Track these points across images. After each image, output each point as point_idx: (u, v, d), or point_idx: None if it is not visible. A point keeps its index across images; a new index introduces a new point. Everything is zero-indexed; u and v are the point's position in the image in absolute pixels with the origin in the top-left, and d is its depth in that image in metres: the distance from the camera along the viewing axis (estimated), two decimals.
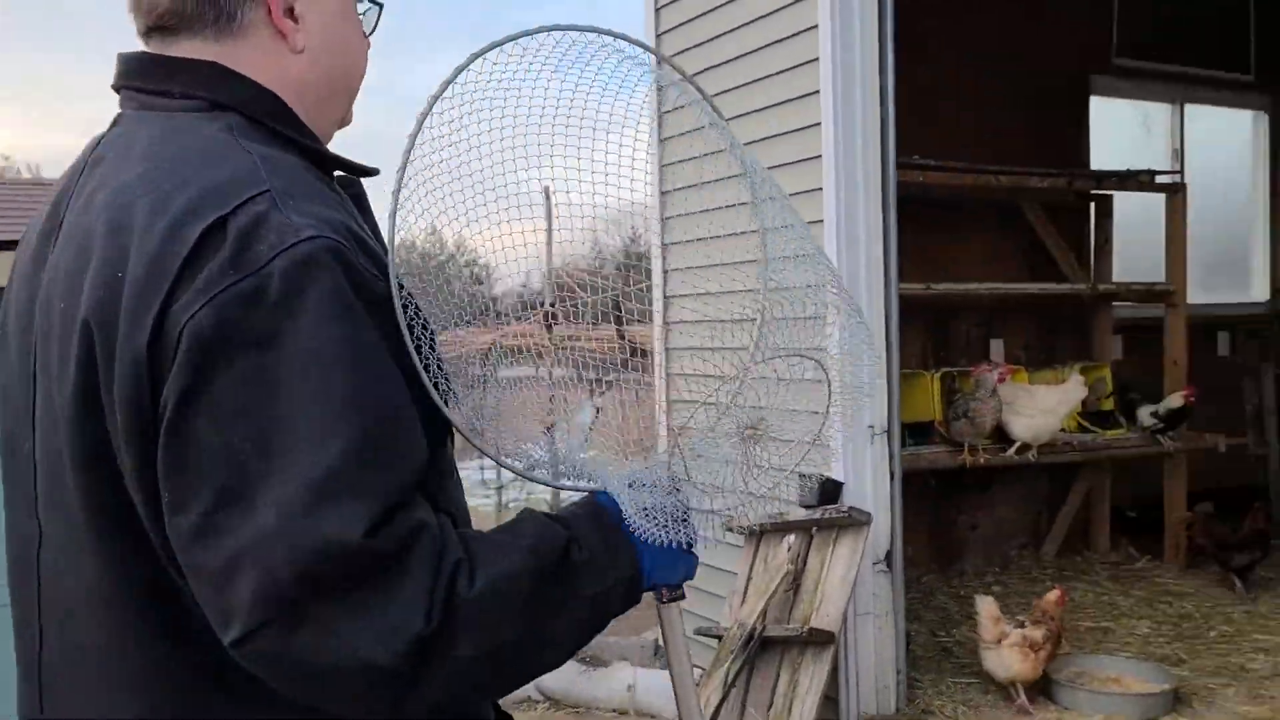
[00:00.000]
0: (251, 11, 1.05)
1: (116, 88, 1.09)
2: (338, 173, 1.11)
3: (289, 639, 0.85)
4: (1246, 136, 6.66)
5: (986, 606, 3.68)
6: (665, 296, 4.56)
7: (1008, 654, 3.62)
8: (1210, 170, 6.29)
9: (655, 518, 1.06)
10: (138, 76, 1.07)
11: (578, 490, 1.14)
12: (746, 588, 3.81)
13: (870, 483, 3.71)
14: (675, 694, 1.24)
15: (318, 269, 0.89)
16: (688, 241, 4.41)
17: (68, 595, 1.00)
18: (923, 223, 4.69)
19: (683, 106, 1.16)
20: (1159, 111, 6.30)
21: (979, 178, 4.83)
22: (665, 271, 4.57)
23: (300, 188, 0.96)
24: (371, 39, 1.17)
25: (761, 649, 3.55)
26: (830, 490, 3.66)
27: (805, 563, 3.67)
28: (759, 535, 3.87)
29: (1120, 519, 5.72)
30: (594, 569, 1.00)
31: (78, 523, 0.97)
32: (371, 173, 1.13)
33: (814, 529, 3.67)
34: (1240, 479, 6.26)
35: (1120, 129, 6.11)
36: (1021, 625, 3.67)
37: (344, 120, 1.17)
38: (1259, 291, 6.64)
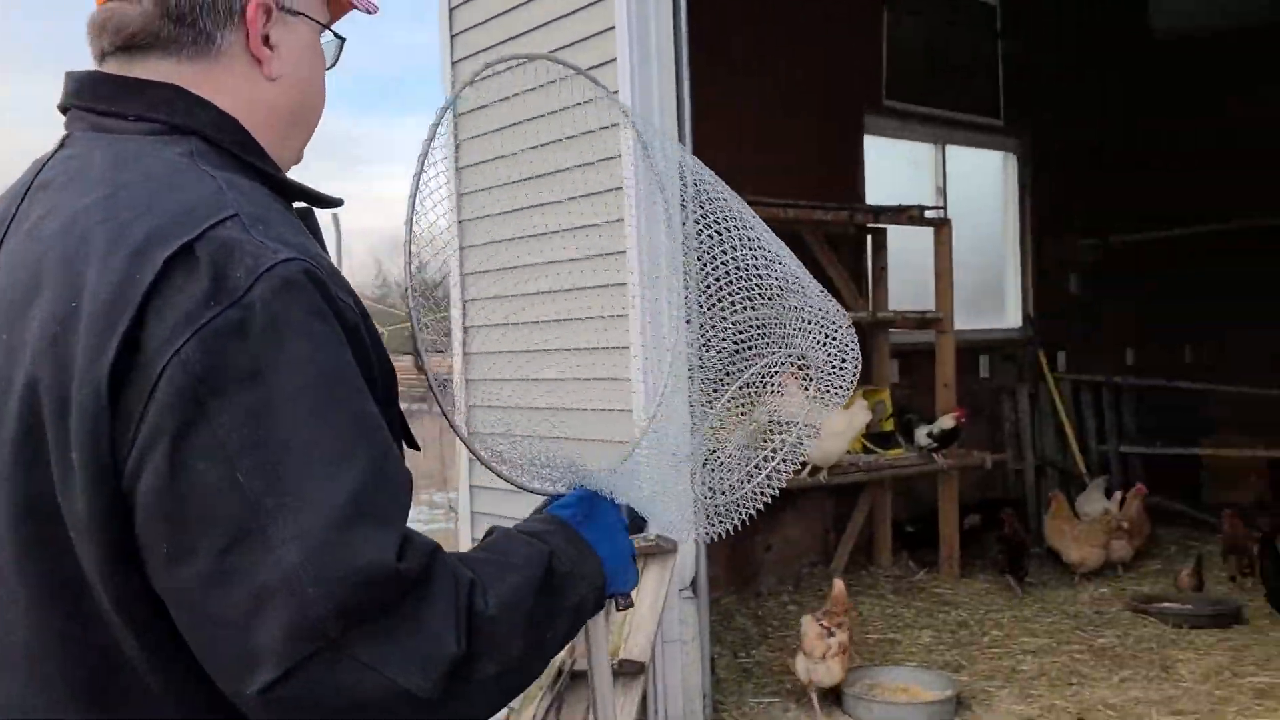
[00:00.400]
0: (231, 35, 1.03)
1: (64, 107, 1.04)
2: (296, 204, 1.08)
3: (328, 675, 0.81)
4: (999, 175, 7.25)
5: (812, 627, 3.97)
6: (465, 327, 4.46)
7: (833, 664, 3.94)
8: (969, 205, 6.80)
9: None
10: (90, 96, 1.02)
11: (544, 494, 1.19)
12: None
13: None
14: (594, 700, 1.30)
15: (298, 291, 0.86)
16: (486, 271, 4.35)
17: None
18: None
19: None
20: (924, 150, 6.77)
21: (768, 210, 5.02)
22: (465, 302, 4.48)
23: (267, 213, 0.92)
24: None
25: (571, 683, 3.50)
26: (637, 520, 3.66)
27: None
28: None
29: (900, 534, 6.04)
30: (573, 579, 1.02)
31: (6, 583, 0.91)
32: (336, 203, 1.10)
33: None
34: (1003, 492, 6.78)
35: (893, 166, 6.52)
36: (831, 634, 3.97)
37: (298, 156, 1.14)
38: (1013, 318, 7.22)
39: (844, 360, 1.21)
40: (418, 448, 1.07)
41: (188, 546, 0.82)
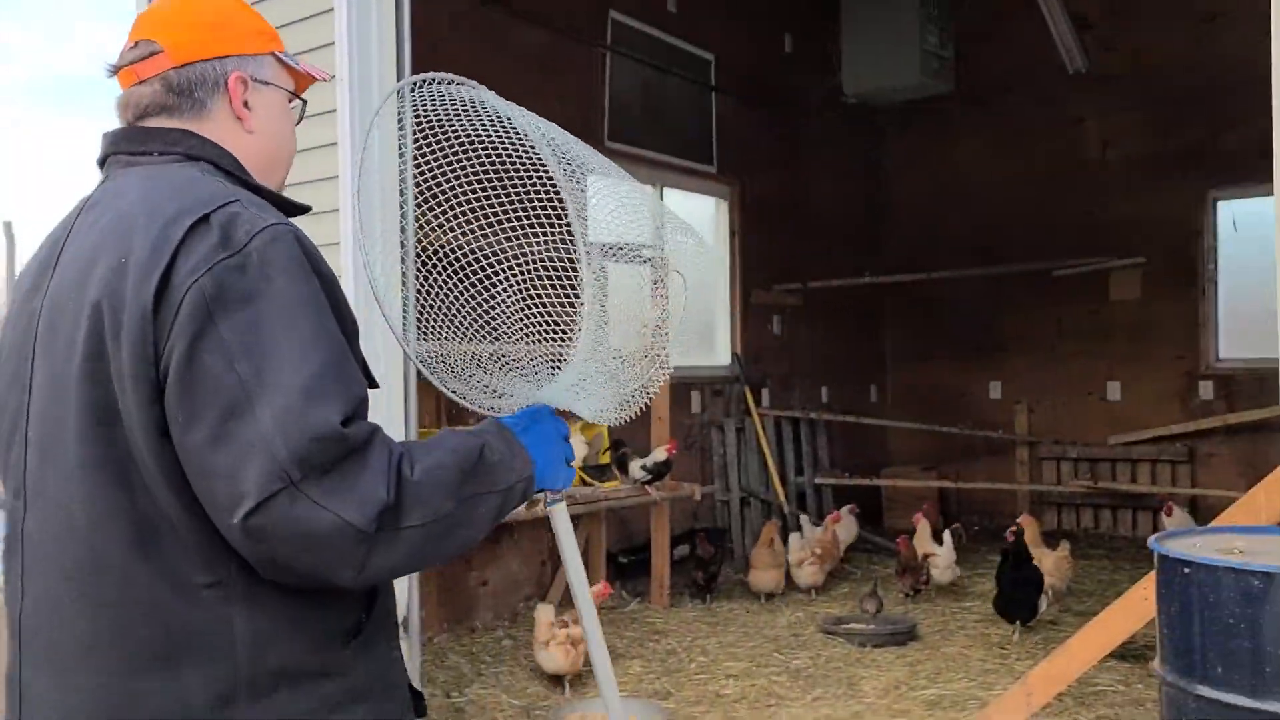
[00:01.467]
0: (218, 102, 1.40)
1: (103, 159, 1.40)
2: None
3: (289, 508, 1.10)
4: (712, 220, 7.64)
5: (544, 613, 4.46)
6: None
7: (555, 651, 4.37)
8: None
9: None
10: (124, 143, 1.38)
11: (490, 412, 1.48)
12: None
13: None
14: (568, 577, 1.64)
15: (281, 242, 1.20)
16: None
17: (48, 551, 1.25)
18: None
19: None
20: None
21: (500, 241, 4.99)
22: None
23: (261, 204, 1.27)
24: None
25: None
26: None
27: None
28: None
29: (614, 564, 6.16)
30: (502, 468, 1.31)
31: (72, 471, 1.21)
32: (305, 209, 1.42)
33: None
34: (711, 522, 7.07)
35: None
36: (565, 625, 4.39)
37: (279, 190, 1.47)
38: (723, 356, 7.60)
39: (701, 248, 1.61)
40: (376, 385, 1.33)
41: (197, 415, 1.14)
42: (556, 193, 1.52)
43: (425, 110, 1.47)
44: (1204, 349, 7.77)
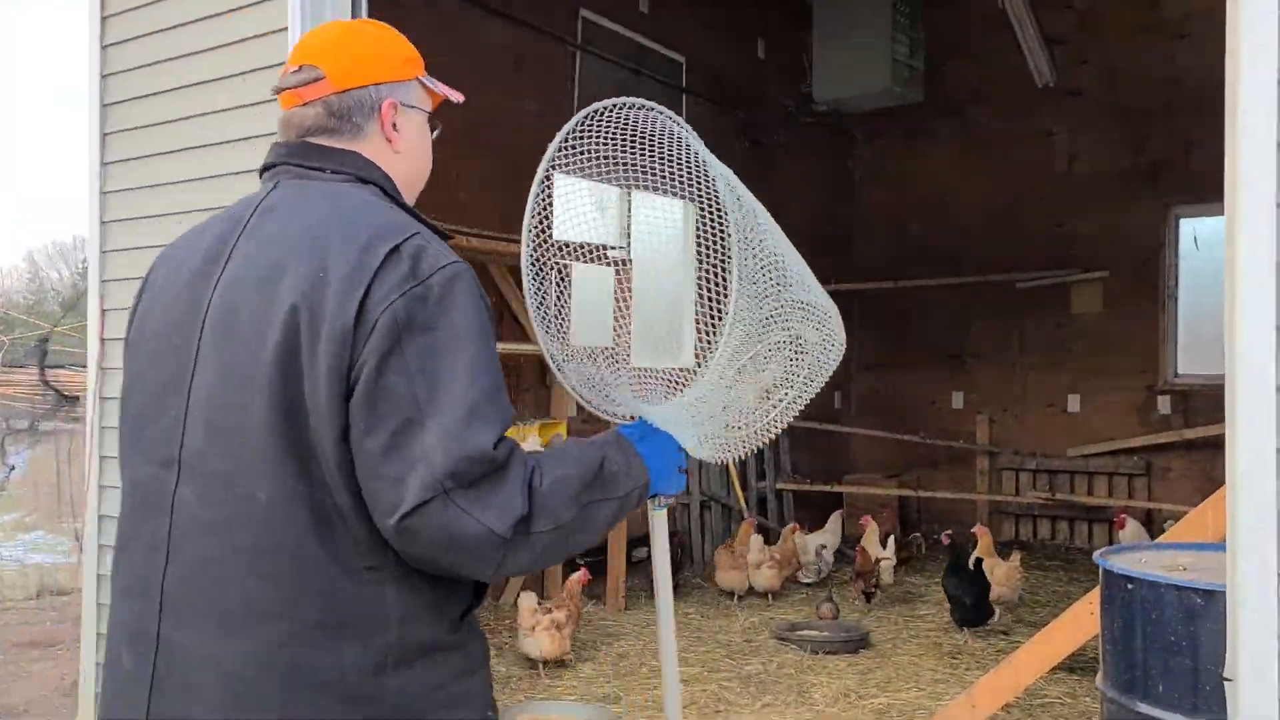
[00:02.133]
0: (372, 125, 1.54)
1: (270, 166, 1.54)
2: None
3: (440, 514, 1.27)
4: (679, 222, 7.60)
5: (527, 601, 4.64)
6: (103, 340, 4.03)
7: (541, 636, 4.56)
8: None
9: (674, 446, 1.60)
10: (299, 157, 1.52)
11: (615, 419, 1.68)
12: None
13: None
14: (655, 579, 1.80)
15: (459, 281, 1.36)
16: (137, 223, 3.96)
17: (209, 521, 1.36)
18: None
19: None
20: (615, 194, 6.97)
21: (458, 239, 4.93)
22: (103, 282, 4.04)
23: (433, 237, 1.42)
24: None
25: None
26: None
27: None
28: None
29: (568, 565, 6.11)
30: (621, 478, 1.46)
31: (259, 459, 1.33)
32: (449, 236, 1.52)
33: None
34: (671, 526, 7.04)
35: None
36: (549, 611, 4.58)
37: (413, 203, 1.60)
38: (687, 359, 7.56)
39: (831, 339, 1.70)
40: None
41: (377, 425, 1.29)
42: (716, 229, 1.69)
43: (598, 134, 1.64)
44: (1163, 364, 7.83)
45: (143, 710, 1.38)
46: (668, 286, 1.58)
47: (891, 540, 6.25)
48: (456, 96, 1.64)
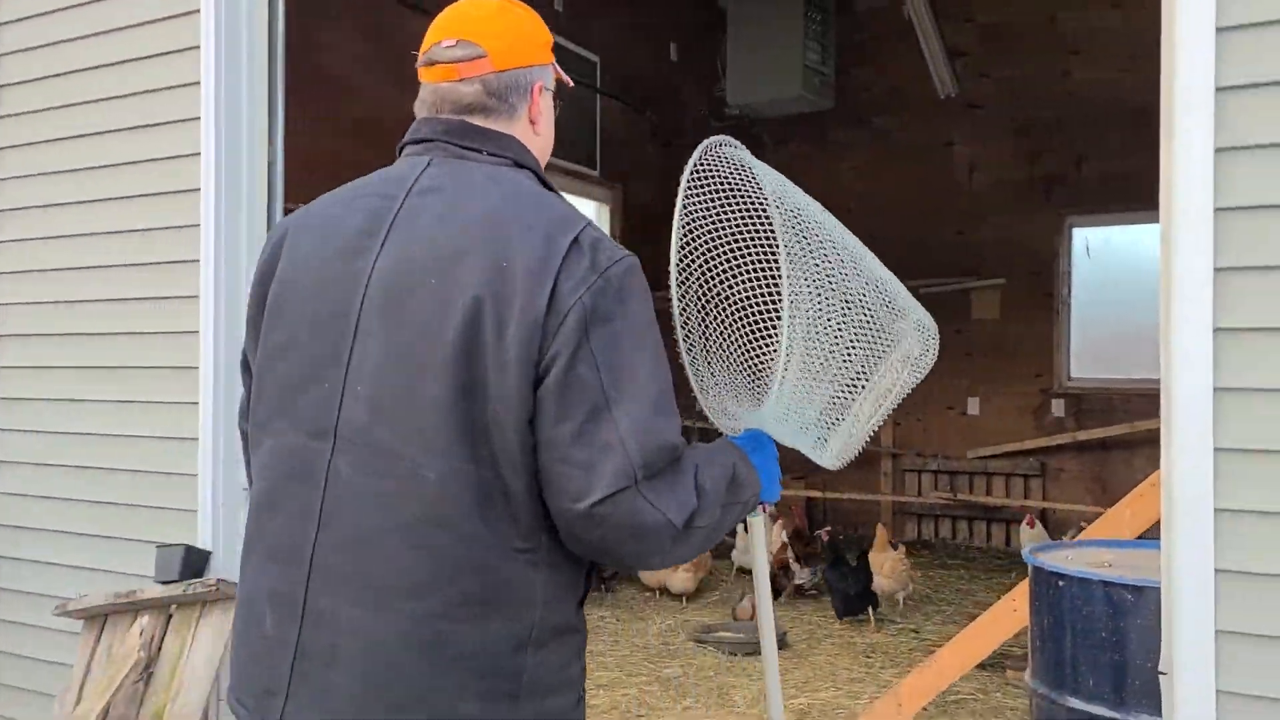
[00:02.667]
0: (523, 107, 1.54)
1: (419, 140, 1.54)
2: None
3: (631, 503, 1.32)
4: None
5: None
6: None
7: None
8: None
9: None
10: (457, 136, 1.51)
11: (725, 430, 1.77)
12: (83, 684, 3.24)
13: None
14: (755, 581, 1.91)
15: (634, 274, 1.41)
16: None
17: (367, 493, 1.39)
18: None
19: None
20: None
21: None
22: None
23: (601, 230, 1.45)
24: None
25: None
26: (195, 561, 3.27)
27: (161, 648, 3.22)
28: (102, 621, 3.32)
29: None
30: (747, 485, 1.52)
31: (429, 437, 1.36)
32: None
33: (173, 607, 3.25)
34: None
35: None
36: None
37: None
38: None
39: (927, 353, 1.85)
40: None
41: (567, 413, 1.32)
42: (827, 261, 1.75)
43: (709, 170, 1.70)
44: (1058, 368, 8.12)
45: (286, 675, 1.39)
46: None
47: (787, 536, 6.42)
48: (570, 83, 1.69)
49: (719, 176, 1.70)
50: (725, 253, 1.71)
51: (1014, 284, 8.14)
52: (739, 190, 1.70)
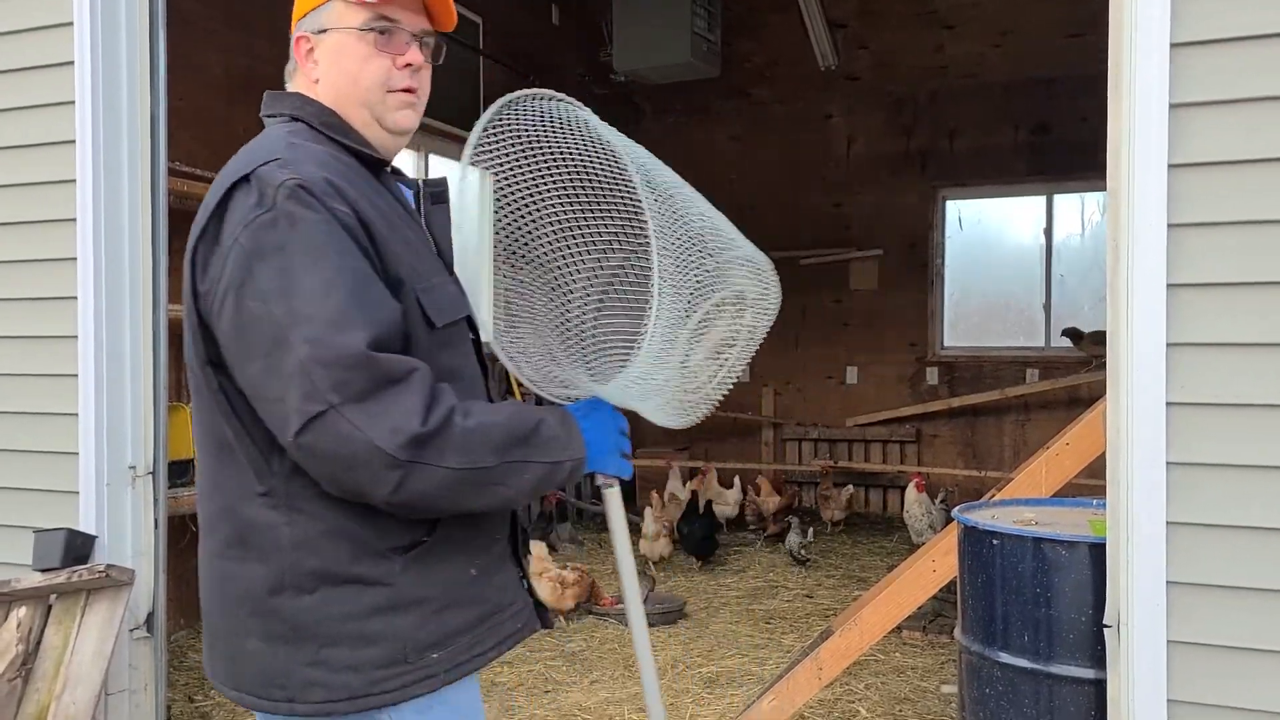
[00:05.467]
0: (296, 59, 1.60)
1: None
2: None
3: (332, 428, 1.31)
4: (476, 188, 7.33)
5: (537, 548, 4.93)
6: None
7: (544, 584, 4.81)
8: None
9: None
10: (265, 108, 1.60)
11: (556, 400, 1.61)
12: None
13: (130, 534, 3.12)
14: (616, 555, 1.77)
15: (299, 196, 1.38)
16: None
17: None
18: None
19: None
20: (407, 157, 6.61)
21: None
22: None
23: (308, 159, 1.44)
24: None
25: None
26: (78, 546, 2.99)
27: (41, 641, 2.93)
28: None
29: None
30: (555, 444, 1.47)
31: (193, 386, 1.50)
32: (378, 160, 1.57)
33: (53, 597, 2.96)
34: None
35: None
36: (564, 568, 4.98)
37: (394, 126, 1.57)
38: (485, 333, 7.32)
39: (768, 291, 1.74)
40: (434, 325, 1.47)
41: (248, 353, 1.37)
42: (637, 209, 1.62)
43: (521, 122, 1.60)
44: (932, 337, 8.36)
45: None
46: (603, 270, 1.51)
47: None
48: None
49: (533, 130, 1.61)
50: (549, 210, 1.62)
51: (890, 256, 8.33)
52: (544, 143, 1.62)
